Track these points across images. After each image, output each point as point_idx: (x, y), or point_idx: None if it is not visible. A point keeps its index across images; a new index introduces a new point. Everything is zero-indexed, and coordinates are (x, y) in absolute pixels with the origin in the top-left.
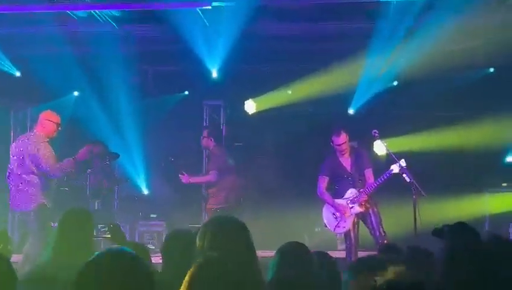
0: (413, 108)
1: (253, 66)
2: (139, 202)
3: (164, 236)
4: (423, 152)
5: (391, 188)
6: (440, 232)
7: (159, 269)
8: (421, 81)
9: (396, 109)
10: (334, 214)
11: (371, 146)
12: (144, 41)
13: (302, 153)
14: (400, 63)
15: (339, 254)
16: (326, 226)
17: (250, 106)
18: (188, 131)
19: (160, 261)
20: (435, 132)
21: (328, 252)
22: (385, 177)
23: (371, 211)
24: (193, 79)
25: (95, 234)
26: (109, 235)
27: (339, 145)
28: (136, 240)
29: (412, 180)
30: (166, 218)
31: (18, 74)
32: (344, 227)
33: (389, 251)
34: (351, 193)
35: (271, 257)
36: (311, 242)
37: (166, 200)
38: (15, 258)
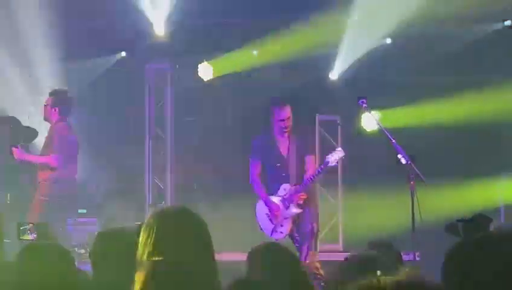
0: (410, 72)
1: (209, 19)
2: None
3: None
4: (423, 127)
5: (383, 173)
6: (454, 228)
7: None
8: (420, 38)
9: (389, 73)
10: (268, 215)
11: (358, 120)
12: None
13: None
14: (393, 14)
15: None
16: (261, 230)
17: (205, 71)
18: (126, 103)
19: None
20: (437, 102)
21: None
22: (320, 170)
23: (307, 209)
24: (132, 36)
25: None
26: (32, 237)
27: (282, 120)
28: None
29: (409, 162)
30: (99, 214)
31: None
32: (282, 232)
33: (381, 248)
34: (284, 189)
35: (235, 261)
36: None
37: (99, 191)
38: None
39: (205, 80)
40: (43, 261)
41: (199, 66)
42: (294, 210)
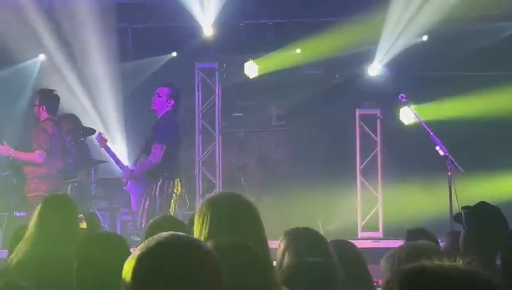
0: (447, 68)
1: (255, 20)
2: (120, 185)
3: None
4: (459, 120)
5: (421, 164)
6: (459, 217)
7: None
8: (455, 34)
9: (426, 69)
10: None
11: (397, 113)
12: None
13: (313, 124)
14: (430, 13)
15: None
16: None
17: (251, 69)
18: None
19: None
20: (472, 96)
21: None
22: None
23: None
24: (182, 38)
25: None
26: (84, 226)
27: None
28: (118, 231)
29: (447, 154)
30: None
31: None
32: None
33: (419, 236)
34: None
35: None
36: (326, 229)
37: None
38: None
39: (251, 77)
40: (103, 250)
41: (245, 64)
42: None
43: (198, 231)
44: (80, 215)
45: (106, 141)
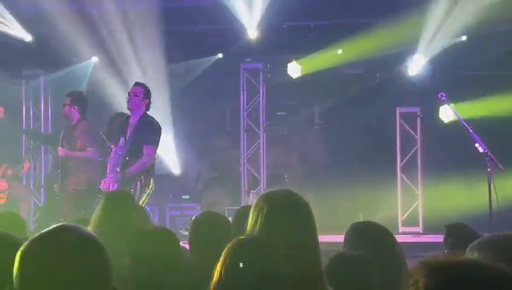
0: (485, 67)
1: (297, 22)
2: (169, 181)
3: None
4: (499, 118)
5: (461, 161)
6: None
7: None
8: (494, 35)
9: (465, 68)
10: None
11: (436, 111)
12: None
13: (354, 122)
14: (468, 13)
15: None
16: None
17: (294, 69)
18: (223, 100)
19: None
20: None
21: None
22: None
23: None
24: (228, 39)
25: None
26: None
27: (128, 94)
28: (167, 225)
29: (486, 151)
30: (200, 199)
31: (29, 38)
32: None
33: (458, 230)
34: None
35: (321, 242)
36: None
37: (200, 179)
38: None
39: (294, 77)
40: (153, 244)
41: (288, 65)
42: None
43: (252, 225)
44: None
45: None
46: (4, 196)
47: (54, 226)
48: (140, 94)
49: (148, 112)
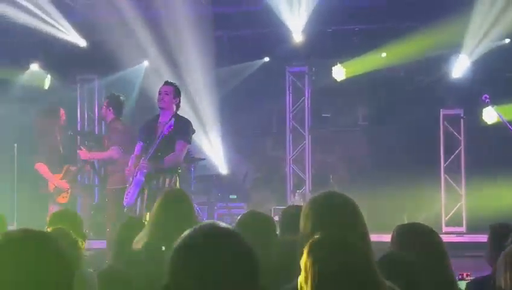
0: None
1: (342, 26)
2: (217, 181)
3: None
4: None
5: (504, 162)
6: None
7: None
8: None
9: (508, 70)
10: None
11: (480, 113)
12: (219, 3)
13: (398, 123)
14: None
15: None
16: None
17: (339, 72)
18: (269, 102)
19: None
20: None
21: None
22: (160, 138)
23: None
24: (274, 43)
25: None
26: None
27: (160, 93)
28: None
29: None
30: (247, 199)
31: (84, 43)
32: (127, 199)
33: (502, 230)
34: (141, 161)
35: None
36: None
37: (247, 179)
38: None
39: (338, 80)
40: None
41: (333, 68)
42: (140, 178)
43: (302, 227)
44: None
45: None
46: (67, 195)
47: None
48: (171, 93)
49: (178, 111)
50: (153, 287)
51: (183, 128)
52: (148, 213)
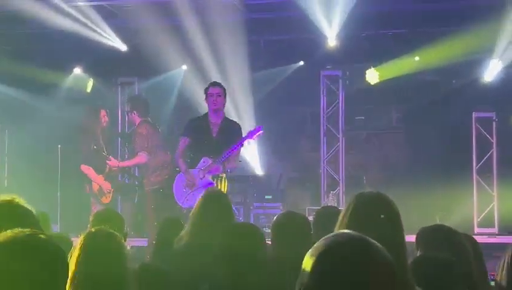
0: None
1: (375, 31)
2: (253, 182)
3: None
4: None
5: None
6: None
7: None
8: None
9: None
10: (184, 185)
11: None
12: (255, 9)
13: (431, 126)
14: None
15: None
16: (176, 201)
17: (372, 76)
18: (303, 105)
19: None
20: None
21: None
22: (235, 147)
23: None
24: (309, 48)
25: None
26: None
27: (212, 95)
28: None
29: None
30: (282, 199)
31: (124, 48)
32: (188, 200)
33: None
34: (203, 162)
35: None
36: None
37: (282, 180)
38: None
39: (372, 83)
40: (239, 239)
41: (367, 71)
42: (208, 180)
43: (338, 225)
44: None
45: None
46: (110, 195)
47: None
48: (222, 94)
49: None
50: (191, 285)
51: (238, 132)
52: None
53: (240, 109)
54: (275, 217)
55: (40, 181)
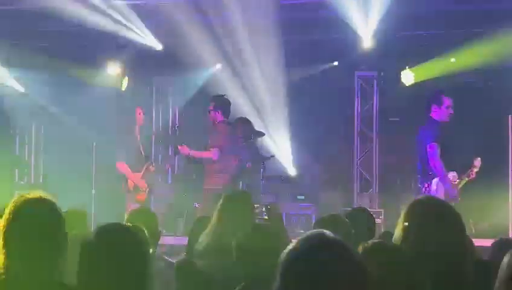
0: None
1: (411, 31)
2: (286, 182)
3: (313, 219)
4: None
5: None
6: None
7: None
8: None
9: None
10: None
11: None
12: (289, 8)
13: (465, 128)
14: None
15: None
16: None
17: (407, 77)
18: (337, 105)
19: None
20: None
21: None
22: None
23: None
24: (343, 48)
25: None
26: (265, 217)
27: (449, 107)
28: (283, 223)
29: None
30: (315, 200)
31: (160, 46)
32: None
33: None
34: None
35: None
36: (478, 228)
37: (314, 180)
38: None
39: (407, 84)
40: (269, 239)
41: (401, 72)
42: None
43: (398, 229)
44: (263, 207)
45: None
46: (145, 193)
47: None
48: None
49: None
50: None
51: None
52: None
53: (274, 108)
54: (316, 219)
55: (75, 178)
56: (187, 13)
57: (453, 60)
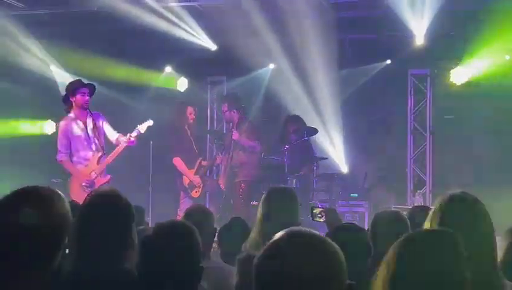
0: None
1: (464, 29)
2: (339, 180)
3: (366, 217)
4: None
5: None
6: None
7: None
8: None
9: None
10: None
11: None
12: (341, 7)
13: None
14: None
15: None
16: None
17: (459, 75)
18: (390, 103)
19: None
20: None
21: None
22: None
23: None
24: (396, 46)
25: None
26: (323, 220)
27: None
28: None
29: None
30: (368, 198)
31: (214, 47)
32: None
33: None
34: None
35: None
36: None
37: (367, 178)
38: None
39: (459, 83)
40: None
41: (454, 70)
42: None
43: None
44: (320, 209)
45: None
46: (199, 190)
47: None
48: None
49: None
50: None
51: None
52: None
53: (327, 107)
54: (375, 215)
55: (133, 176)
56: (240, 13)
57: (507, 57)
